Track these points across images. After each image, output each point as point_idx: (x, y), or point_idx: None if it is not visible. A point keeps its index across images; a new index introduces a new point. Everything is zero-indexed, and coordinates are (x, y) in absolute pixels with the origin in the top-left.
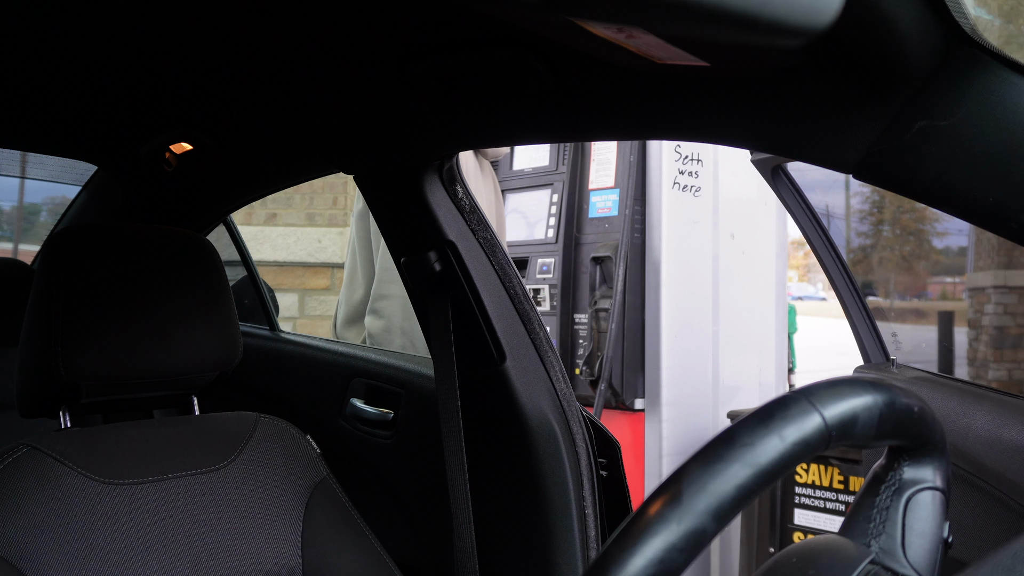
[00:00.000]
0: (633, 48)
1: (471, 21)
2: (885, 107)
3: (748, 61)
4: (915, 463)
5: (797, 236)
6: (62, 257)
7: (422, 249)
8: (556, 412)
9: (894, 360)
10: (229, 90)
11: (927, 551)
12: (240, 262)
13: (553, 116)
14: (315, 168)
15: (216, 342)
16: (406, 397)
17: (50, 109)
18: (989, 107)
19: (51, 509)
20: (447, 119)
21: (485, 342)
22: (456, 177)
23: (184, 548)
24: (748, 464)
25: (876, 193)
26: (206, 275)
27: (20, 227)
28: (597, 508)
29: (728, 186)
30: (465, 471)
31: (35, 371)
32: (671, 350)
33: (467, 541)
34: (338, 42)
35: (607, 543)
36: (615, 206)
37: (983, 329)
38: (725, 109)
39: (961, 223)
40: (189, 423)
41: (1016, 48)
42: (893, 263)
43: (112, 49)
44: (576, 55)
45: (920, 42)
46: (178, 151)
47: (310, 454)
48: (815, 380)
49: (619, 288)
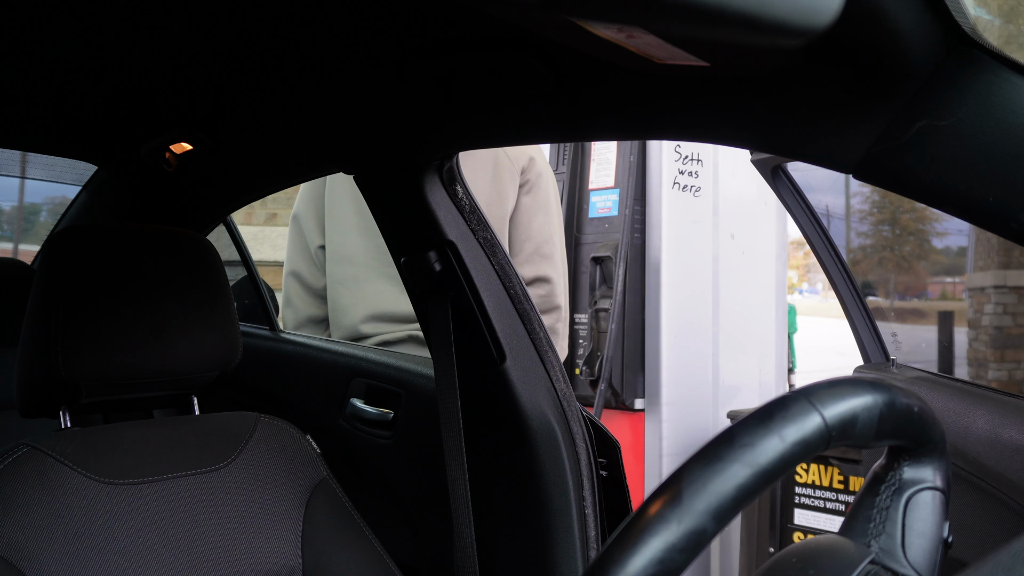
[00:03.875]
0: (633, 48)
1: (471, 21)
2: (885, 107)
3: (748, 61)
4: (915, 463)
5: (797, 236)
6: (62, 257)
7: (422, 249)
8: (556, 412)
9: (894, 360)
10: (229, 90)
11: (927, 551)
12: (240, 262)
13: (553, 116)
14: (315, 168)
15: (216, 342)
16: (406, 397)
17: (50, 109)
18: (989, 107)
19: (51, 509)
20: (447, 119)
21: (485, 342)
22: (456, 177)
23: (184, 548)
24: (748, 464)
25: (876, 193)
26: (206, 275)
27: (20, 227)
28: (597, 508)
29: (728, 186)
30: (465, 471)
31: (35, 371)
32: (671, 350)
33: (467, 541)
34: (338, 42)
35: (607, 543)
36: (615, 206)
37: (983, 329)
38: (725, 109)
39: (961, 223)
40: (189, 423)
41: (1016, 48)
42: (893, 263)
43: (112, 49)
44: (576, 55)
45: (920, 42)
46: (178, 151)
47: (310, 454)
48: (815, 380)
49: (619, 288)
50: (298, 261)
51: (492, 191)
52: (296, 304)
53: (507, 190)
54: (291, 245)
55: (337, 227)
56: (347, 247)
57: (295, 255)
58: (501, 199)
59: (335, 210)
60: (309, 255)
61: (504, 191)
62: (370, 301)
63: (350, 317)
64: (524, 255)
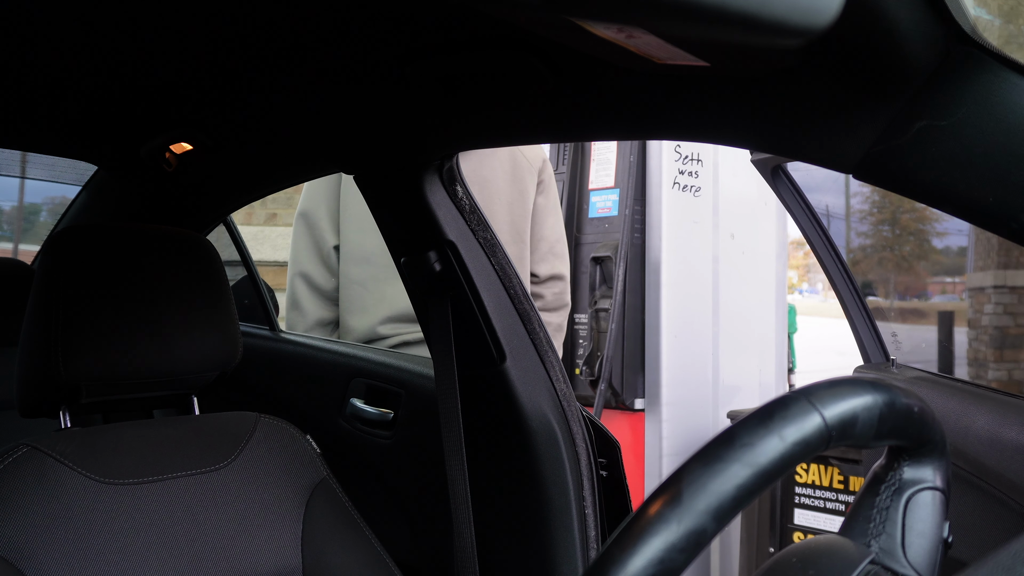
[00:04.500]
0: (633, 48)
1: (471, 21)
2: (885, 107)
3: (748, 61)
4: (915, 463)
5: (797, 236)
6: (62, 257)
7: (422, 249)
8: (556, 412)
9: (894, 360)
10: (229, 90)
11: (927, 551)
12: (240, 262)
13: (553, 116)
14: (315, 168)
15: (216, 342)
16: (406, 397)
17: (50, 109)
18: (989, 107)
19: (51, 509)
20: (447, 119)
21: (485, 342)
22: (456, 177)
23: (184, 548)
24: (748, 464)
25: (876, 193)
26: (206, 275)
27: (20, 227)
28: (597, 508)
29: (728, 186)
30: (465, 471)
31: (35, 371)
32: (671, 350)
33: (467, 541)
34: (338, 42)
35: (607, 543)
36: (615, 206)
37: (983, 329)
38: (725, 109)
39: (961, 223)
40: (189, 423)
41: (1016, 48)
42: (893, 263)
43: (112, 49)
44: (576, 55)
45: (920, 42)
46: (178, 151)
47: (310, 454)
48: (815, 380)
49: (619, 288)
50: (307, 262)
51: (513, 191)
52: (305, 307)
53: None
54: (298, 245)
55: (354, 226)
56: (366, 246)
57: (303, 256)
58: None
59: (352, 208)
60: (320, 256)
61: (525, 190)
62: (391, 302)
63: (368, 318)
64: (539, 254)
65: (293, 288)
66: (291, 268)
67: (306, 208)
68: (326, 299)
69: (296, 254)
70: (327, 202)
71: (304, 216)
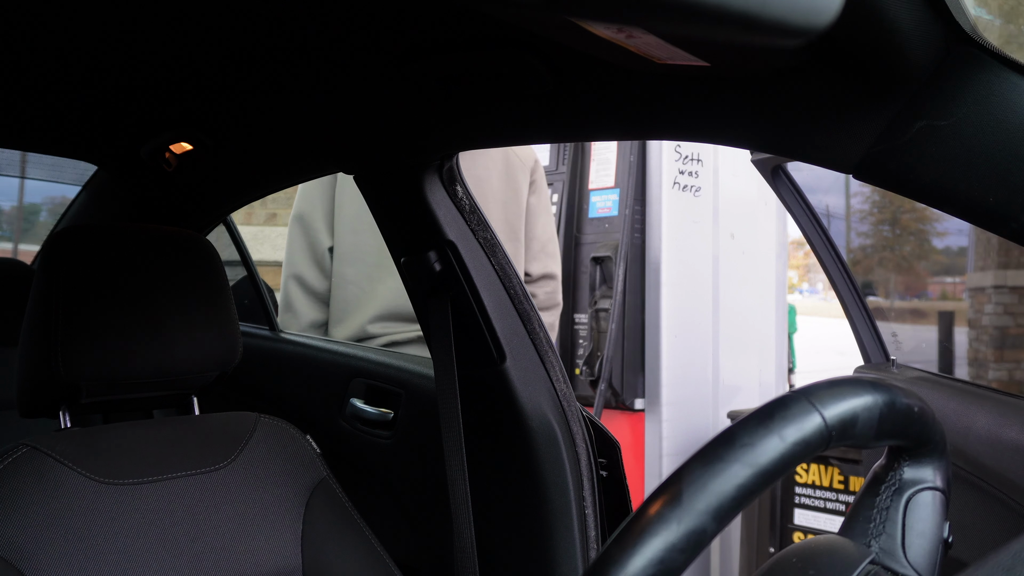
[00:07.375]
0: (633, 48)
1: (471, 21)
2: (885, 107)
3: (748, 61)
4: (915, 463)
5: (797, 236)
6: (62, 257)
7: (422, 249)
8: (556, 412)
9: (894, 360)
10: (229, 90)
11: (927, 551)
12: (240, 262)
13: (553, 116)
14: (315, 168)
15: (216, 342)
16: (406, 397)
17: (50, 109)
18: (989, 107)
19: (51, 509)
20: (447, 119)
21: (485, 342)
22: (456, 177)
23: (184, 548)
24: (748, 464)
25: (876, 193)
26: (206, 275)
27: (20, 227)
28: (597, 508)
29: (728, 186)
30: (465, 471)
31: (35, 371)
32: (671, 350)
33: (467, 541)
34: (338, 42)
35: (607, 543)
36: (615, 206)
37: (983, 329)
38: (725, 109)
39: (961, 223)
40: (189, 423)
41: (1016, 48)
42: (893, 263)
43: (112, 49)
44: (576, 55)
45: (920, 42)
46: (178, 151)
47: (310, 454)
48: (815, 380)
49: (619, 288)
50: (301, 264)
51: (507, 190)
52: (298, 309)
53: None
54: (293, 247)
55: (348, 226)
56: (359, 246)
57: (298, 257)
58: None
59: (346, 208)
60: (314, 258)
61: (519, 189)
62: (381, 300)
63: (358, 316)
64: (532, 253)
65: (287, 290)
66: (285, 270)
67: (301, 210)
68: (319, 301)
69: (291, 256)
70: (323, 204)
71: (299, 218)
